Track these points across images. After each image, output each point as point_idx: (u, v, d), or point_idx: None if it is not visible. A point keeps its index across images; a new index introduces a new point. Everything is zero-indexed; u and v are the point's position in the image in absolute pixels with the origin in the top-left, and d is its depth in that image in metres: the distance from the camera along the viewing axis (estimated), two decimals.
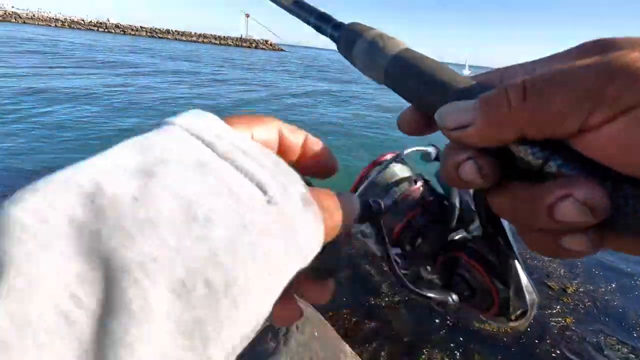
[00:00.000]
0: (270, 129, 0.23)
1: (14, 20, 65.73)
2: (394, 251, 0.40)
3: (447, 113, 0.22)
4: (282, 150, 0.24)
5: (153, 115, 8.90)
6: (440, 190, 0.44)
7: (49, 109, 8.60)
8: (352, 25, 0.31)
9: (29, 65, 14.74)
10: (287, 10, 0.38)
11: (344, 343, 2.25)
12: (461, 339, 2.90)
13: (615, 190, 0.17)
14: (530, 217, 0.20)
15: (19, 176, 4.86)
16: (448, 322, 3.08)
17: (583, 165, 0.18)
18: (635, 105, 0.16)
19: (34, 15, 71.59)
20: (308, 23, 0.36)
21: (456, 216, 0.37)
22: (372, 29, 0.30)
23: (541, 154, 0.19)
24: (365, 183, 0.44)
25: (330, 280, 0.25)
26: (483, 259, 0.32)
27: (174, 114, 0.21)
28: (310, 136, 0.26)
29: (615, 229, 0.18)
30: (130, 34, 72.64)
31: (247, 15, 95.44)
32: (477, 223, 0.37)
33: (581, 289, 3.69)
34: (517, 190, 0.21)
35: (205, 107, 0.22)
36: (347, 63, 0.32)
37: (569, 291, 3.61)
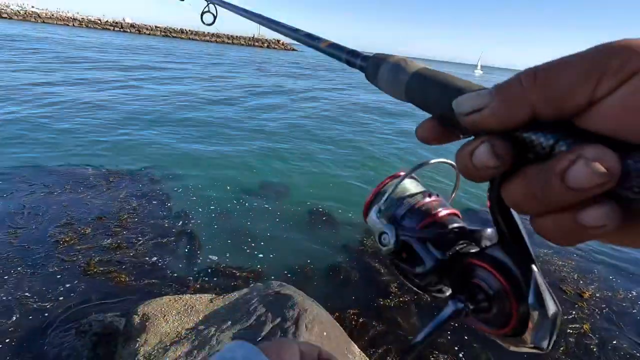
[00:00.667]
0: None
1: (34, 19, 67.46)
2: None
3: (464, 99, 0.23)
4: None
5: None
6: None
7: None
8: (377, 54, 0.37)
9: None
10: (324, 52, 0.47)
11: (353, 344, 2.24)
12: (470, 342, 2.86)
13: (624, 157, 0.18)
14: (544, 193, 0.20)
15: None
16: (456, 324, 3.04)
17: (593, 139, 0.19)
18: (638, 71, 0.17)
19: (52, 15, 73.34)
20: (340, 59, 0.44)
21: (468, 231, 0.37)
22: (395, 55, 0.34)
23: (552, 136, 0.20)
24: (385, 196, 0.45)
25: None
26: (500, 264, 0.30)
27: None
28: (323, 351, 0.32)
29: (629, 199, 0.18)
30: (145, 33, 73.73)
31: None
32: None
33: (598, 295, 3.59)
34: (529, 171, 0.21)
35: None
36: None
37: (585, 296, 3.52)
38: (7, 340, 2.48)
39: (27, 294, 2.90)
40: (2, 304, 2.76)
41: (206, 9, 1.40)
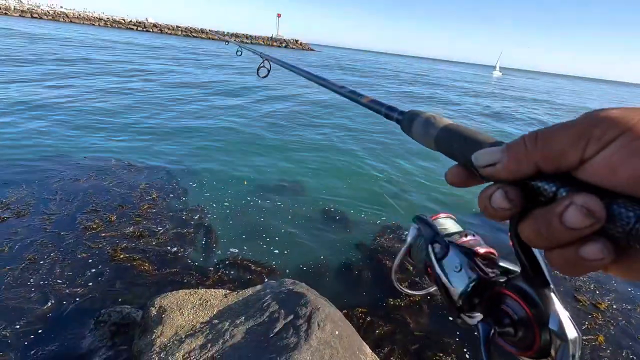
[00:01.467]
0: None
1: (62, 19, 69.98)
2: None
3: (481, 154, 0.30)
4: None
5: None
6: None
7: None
8: (412, 110, 0.44)
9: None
10: (365, 107, 0.56)
11: (364, 344, 2.24)
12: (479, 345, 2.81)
13: (610, 203, 0.22)
14: (548, 231, 0.24)
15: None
16: (462, 331, 3.00)
17: (584, 187, 0.24)
18: (615, 138, 0.22)
19: (79, 15, 75.90)
20: (379, 113, 0.52)
21: (504, 265, 0.41)
22: (426, 112, 0.41)
23: (554, 185, 0.25)
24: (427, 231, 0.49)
25: None
26: (523, 293, 0.34)
27: None
28: None
29: (617, 237, 0.22)
30: (167, 33, 75.35)
31: (279, 15, 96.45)
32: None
33: (615, 306, 3.47)
34: (537, 213, 0.26)
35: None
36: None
37: (601, 307, 3.41)
38: (38, 325, 2.61)
39: (58, 280, 3.05)
40: (39, 289, 2.92)
41: (262, 65, 1.69)
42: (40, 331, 2.56)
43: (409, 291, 0.63)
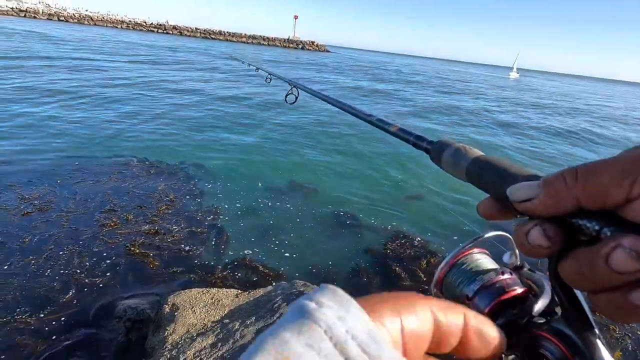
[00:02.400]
0: (423, 318, 0.23)
1: (87, 22, 72.43)
2: None
3: (517, 189, 0.28)
4: (437, 338, 0.24)
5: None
6: None
7: None
8: (441, 140, 0.43)
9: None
10: (393, 135, 0.57)
11: None
12: None
13: None
14: (593, 274, 0.23)
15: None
16: None
17: (632, 228, 0.22)
18: None
19: (103, 18, 78.41)
20: (407, 142, 0.52)
21: (542, 307, 0.38)
22: (456, 142, 0.41)
23: (596, 223, 0.24)
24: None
25: None
26: (564, 336, 0.31)
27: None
28: (470, 314, 0.26)
29: None
30: (186, 35, 76.92)
31: (296, 17, 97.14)
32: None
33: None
34: (579, 253, 0.24)
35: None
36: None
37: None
38: (58, 315, 2.71)
39: (77, 270, 3.16)
40: (60, 280, 3.04)
41: (290, 92, 1.76)
42: (59, 322, 2.65)
43: None
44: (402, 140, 0.55)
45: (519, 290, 0.40)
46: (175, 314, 2.27)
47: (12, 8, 70.52)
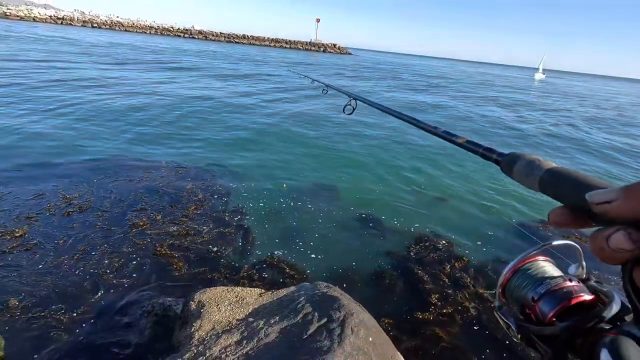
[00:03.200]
0: None
1: (117, 28, 75.58)
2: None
3: (596, 193, 0.29)
4: None
5: None
6: None
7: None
8: (513, 153, 0.46)
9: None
10: (461, 147, 0.59)
11: (398, 353, 2.18)
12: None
13: None
14: None
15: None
16: (500, 344, 2.85)
17: None
18: None
19: (133, 24, 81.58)
20: (476, 153, 0.55)
21: (611, 314, 0.38)
22: (527, 154, 0.43)
23: None
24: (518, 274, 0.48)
25: None
26: (636, 338, 0.31)
27: None
28: None
29: None
30: (211, 39, 78.82)
31: (318, 20, 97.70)
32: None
33: None
34: None
35: None
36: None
37: None
38: (89, 310, 2.84)
39: (107, 270, 3.30)
40: (90, 278, 3.18)
41: (348, 103, 1.86)
42: (88, 317, 2.77)
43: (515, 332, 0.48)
44: (470, 152, 0.58)
45: (587, 297, 0.41)
46: (201, 310, 2.31)
47: (50, 16, 74.61)
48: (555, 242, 0.47)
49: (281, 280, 3.38)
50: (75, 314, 2.78)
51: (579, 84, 65.21)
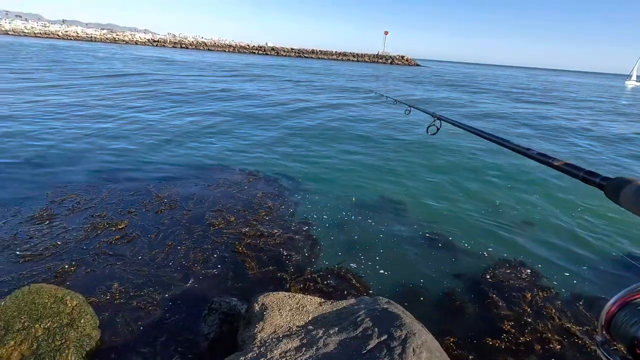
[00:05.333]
0: None
1: (201, 47, 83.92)
2: None
3: None
4: None
5: None
6: None
7: None
8: (620, 177, 0.44)
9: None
10: (558, 170, 0.57)
11: None
12: None
13: None
14: None
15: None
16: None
17: None
18: None
19: (215, 43, 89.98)
20: (576, 177, 0.53)
21: None
22: (637, 179, 0.41)
23: None
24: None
25: None
26: None
27: None
28: None
29: None
30: (282, 55, 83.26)
31: (386, 33, 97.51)
32: None
33: None
34: None
35: None
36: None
37: None
38: (173, 299, 3.17)
39: (194, 264, 3.66)
40: (181, 270, 3.56)
41: (432, 123, 1.86)
42: (175, 304, 3.11)
43: None
44: (569, 175, 0.55)
45: None
46: (264, 313, 2.40)
47: (148, 39, 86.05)
48: None
49: (342, 291, 3.38)
50: (163, 301, 3.12)
51: None
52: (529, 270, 3.88)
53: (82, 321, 2.52)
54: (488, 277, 3.72)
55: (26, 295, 2.47)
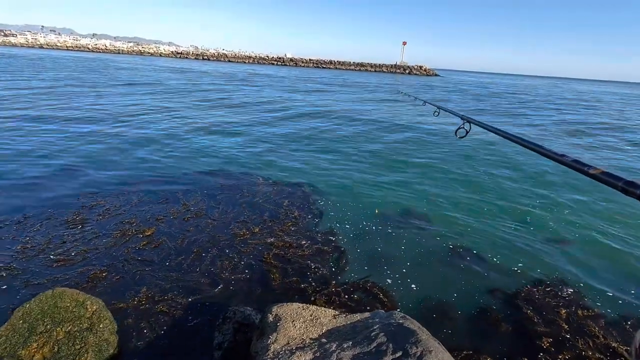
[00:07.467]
0: None
1: (222, 59, 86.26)
2: None
3: None
4: None
5: None
6: None
7: None
8: None
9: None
10: (594, 179, 0.54)
11: None
12: None
13: None
14: None
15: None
16: None
17: None
18: None
19: (235, 55, 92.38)
20: (614, 187, 0.50)
21: None
22: None
23: None
24: None
25: None
26: None
27: None
28: None
29: None
30: (301, 65, 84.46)
31: (404, 43, 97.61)
32: None
33: None
34: None
35: None
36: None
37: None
38: (196, 305, 3.20)
39: (219, 270, 3.71)
40: (208, 276, 3.61)
41: (461, 126, 1.80)
42: (198, 311, 3.13)
43: None
44: (607, 185, 0.52)
45: None
46: (278, 324, 2.39)
47: (172, 52, 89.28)
48: None
49: (371, 306, 3.31)
50: (186, 307, 3.16)
51: None
52: (567, 289, 3.71)
53: (101, 326, 2.58)
54: (523, 294, 3.57)
55: (50, 299, 2.56)
